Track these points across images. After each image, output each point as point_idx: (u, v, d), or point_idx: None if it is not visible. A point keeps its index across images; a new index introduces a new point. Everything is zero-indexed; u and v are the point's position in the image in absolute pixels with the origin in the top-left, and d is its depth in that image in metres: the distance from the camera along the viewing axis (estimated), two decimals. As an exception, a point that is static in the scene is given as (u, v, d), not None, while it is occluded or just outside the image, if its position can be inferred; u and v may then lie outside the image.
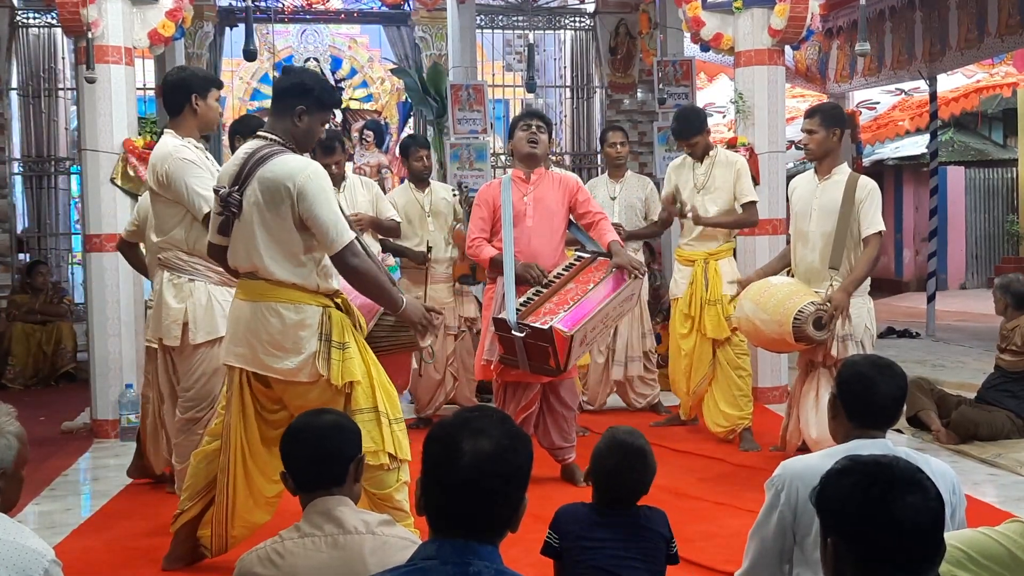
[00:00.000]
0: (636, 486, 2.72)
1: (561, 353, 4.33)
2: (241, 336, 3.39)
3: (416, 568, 1.71)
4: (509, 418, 1.83)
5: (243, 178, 3.32)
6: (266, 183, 3.27)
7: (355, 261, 3.31)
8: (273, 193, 3.25)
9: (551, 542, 2.68)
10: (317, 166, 3.38)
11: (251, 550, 2.36)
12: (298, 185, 3.23)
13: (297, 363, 3.31)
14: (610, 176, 6.55)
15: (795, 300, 4.61)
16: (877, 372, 2.51)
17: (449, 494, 1.71)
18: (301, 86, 3.43)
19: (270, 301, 3.32)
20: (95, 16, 5.93)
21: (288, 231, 3.28)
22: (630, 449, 2.72)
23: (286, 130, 3.40)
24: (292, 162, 3.30)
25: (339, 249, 3.27)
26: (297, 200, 3.23)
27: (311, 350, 3.30)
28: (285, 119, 3.41)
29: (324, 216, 3.24)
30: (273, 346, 3.33)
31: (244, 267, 3.41)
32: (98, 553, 4.06)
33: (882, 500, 1.60)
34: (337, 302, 3.42)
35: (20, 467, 2.14)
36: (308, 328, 3.31)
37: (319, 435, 2.40)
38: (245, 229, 3.34)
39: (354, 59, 13.29)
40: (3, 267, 9.39)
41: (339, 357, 3.32)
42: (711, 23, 6.82)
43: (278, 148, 3.33)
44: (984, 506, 4.40)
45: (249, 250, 3.34)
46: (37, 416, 6.74)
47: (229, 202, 3.32)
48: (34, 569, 1.95)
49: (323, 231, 3.25)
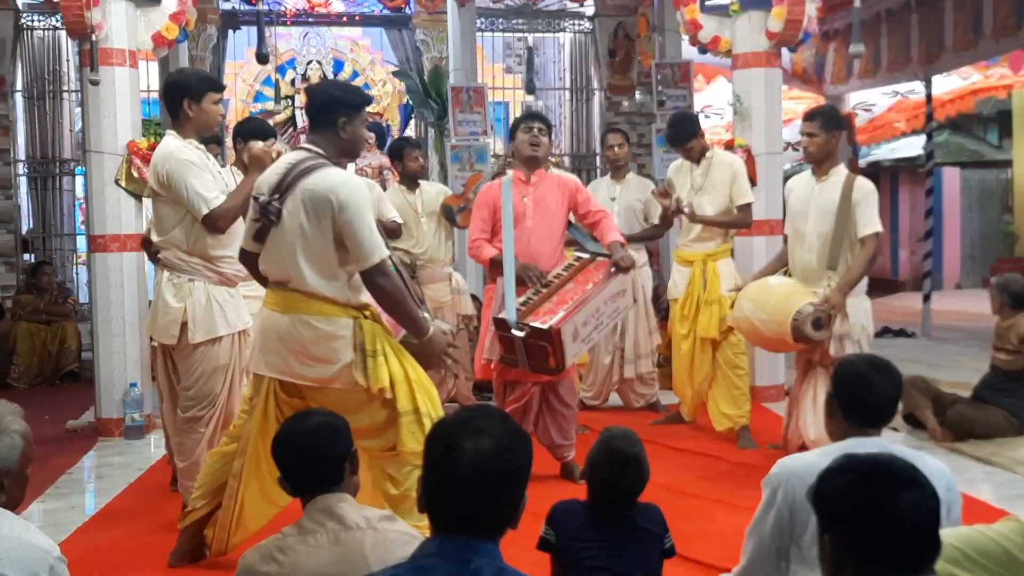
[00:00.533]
0: (629, 495, 2.74)
1: (559, 351, 4.38)
2: (272, 346, 3.40)
3: (417, 565, 1.73)
4: (509, 417, 1.85)
5: (284, 188, 3.35)
6: (309, 195, 3.30)
7: (383, 280, 3.33)
8: (316, 205, 3.28)
9: (547, 537, 2.71)
10: (360, 180, 3.45)
11: (253, 547, 2.36)
12: (340, 198, 3.26)
13: (332, 372, 3.34)
14: (612, 177, 6.59)
15: (793, 300, 4.63)
16: (873, 371, 2.51)
17: (450, 492, 1.72)
18: (331, 99, 3.46)
19: (301, 313, 3.35)
20: (99, 19, 5.96)
21: (327, 244, 3.31)
22: (624, 458, 2.72)
23: (330, 142, 3.44)
24: (335, 175, 3.34)
25: (369, 266, 3.30)
26: (337, 212, 3.27)
27: (346, 360, 3.32)
28: (328, 132, 3.45)
29: (361, 231, 3.27)
30: (307, 356, 3.35)
31: (276, 276, 3.43)
32: (102, 550, 4.09)
33: (879, 498, 1.61)
34: (366, 314, 3.44)
35: (25, 466, 2.15)
36: (341, 339, 3.33)
37: (309, 439, 2.39)
38: (282, 238, 3.36)
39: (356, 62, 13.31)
40: (8, 267, 9.44)
41: (373, 365, 3.34)
42: (709, 26, 6.85)
43: (321, 161, 3.37)
44: (980, 504, 4.42)
45: (285, 260, 3.37)
46: (42, 415, 6.75)
47: (268, 210, 3.35)
48: (39, 566, 1.96)
49: (357, 245, 3.28)
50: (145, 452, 5.84)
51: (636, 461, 2.73)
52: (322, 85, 3.59)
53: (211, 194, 3.99)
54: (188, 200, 3.98)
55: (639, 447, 2.77)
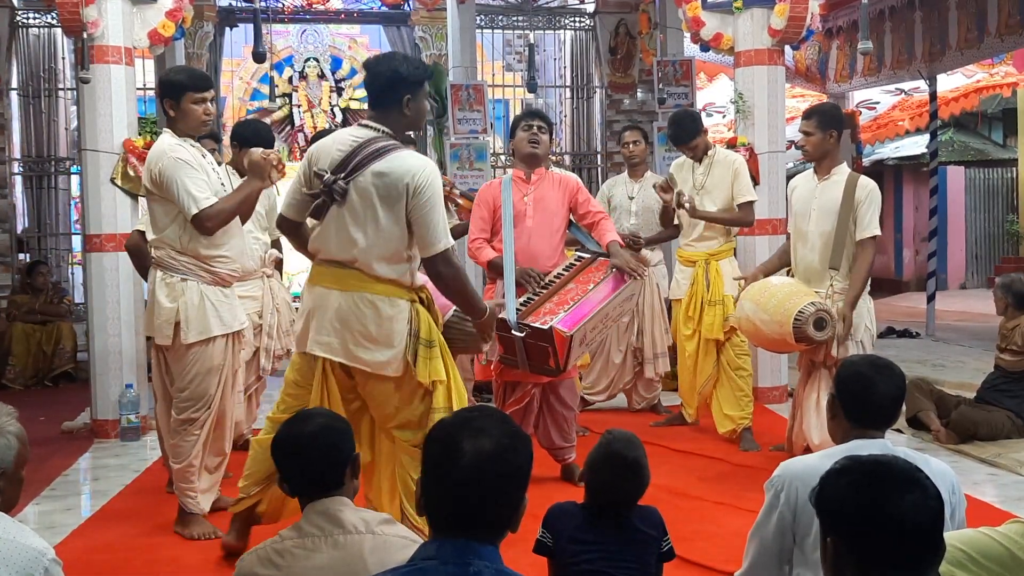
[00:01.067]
0: (628, 499, 2.70)
1: (561, 353, 4.34)
2: (328, 325, 3.37)
3: (416, 568, 1.71)
4: (509, 418, 1.83)
5: (352, 167, 3.31)
6: (384, 178, 3.28)
7: (446, 269, 3.34)
8: (390, 189, 3.27)
9: (543, 540, 2.68)
10: (434, 166, 3.41)
11: (251, 550, 2.35)
12: (416, 183, 3.25)
13: (388, 356, 3.32)
14: (629, 175, 6.52)
15: (795, 301, 4.60)
16: (876, 372, 2.51)
17: (449, 494, 1.71)
18: (397, 76, 3.38)
19: (365, 292, 3.32)
20: (95, 16, 5.92)
21: (399, 228, 3.30)
22: (624, 462, 2.69)
23: (396, 120, 3.40)
24: (412, 159, 3.32)
25: (435, 253, 3.30)
26: (412, 196, 3.25)
27: (402, 344, 3.32)
28: (392, 110, 3.40)
29: (433, 218, 3.27)
30: (365, 338, 3.33)
31: (338, 255, 3.38)
32: (98, 553, 4.06)
33: (881, 499, 1.60)
34: (422, 296, 3.44)
35: (20, 467, 2.13)
36: (400, 322, 3.33)
37: (312, 442, 2.37)
38: (348, 219, 3.32)
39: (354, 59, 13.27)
40: (3, 267, 9.40)
41: (426, 355, 3.34)
42: (711, 23, 6.82)
43: (393, 143, 3.34)
44: (984, 506, 4.40)
45: (349, 240, 3.33)
46: (37, 416, 6.72)
47: (334, 189, 3.31)
48: (35, 568, 1.95)
49: (426, 232, 3.28)
50: (141, 453, 5.81)
51: (636, 466, 2.70)
52: (385, 61, 3.46)
53: (202, 194, 3.94)
54: (179, 199, 3.94)
55: (640, 452, 2.74)
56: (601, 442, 2.77)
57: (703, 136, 5.73)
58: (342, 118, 12.72)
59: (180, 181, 3.92)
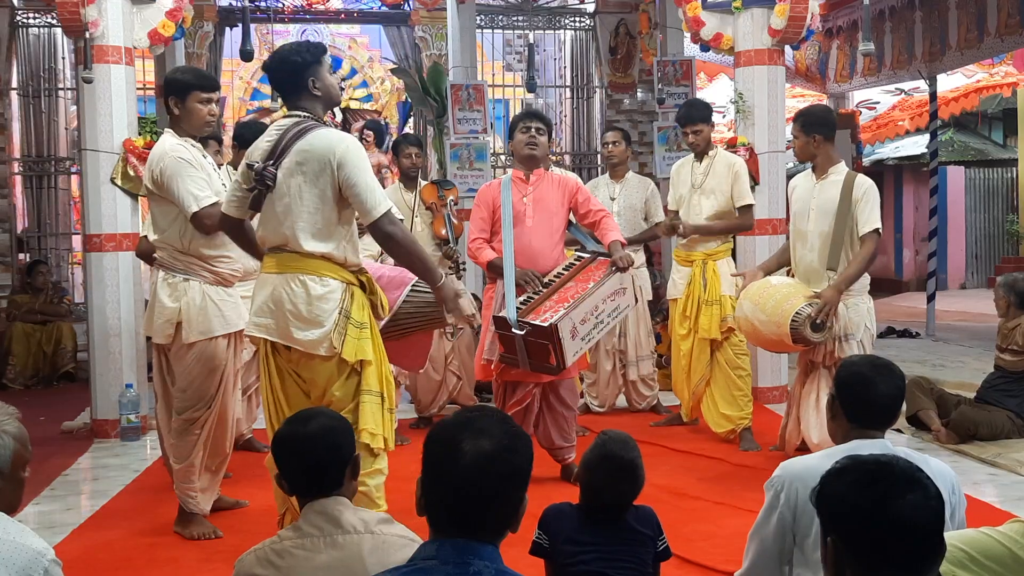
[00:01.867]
0: (623, 500, 2.70)
1: (559, 349, 4.33)
2: (264, 307, 3.41)
3: (416, 568, 1.70)
4: (510, 418, 1.83)
5: (279, 152, 3.36)
6: (306, 155, 3.32)
7: (392, 228, 3.37)
8: (313, 164, 3.31)
9: (540, 542, 2.67)
10: (354, 139, 3.46)
11: (249, 550, 2.34)
12: (339, 155, 3.30)
13: (318, 335, 3.33)
14: (611, 176, 6.54)
15: (793, 302, 4.61)
16: (875, 372, 2.51)
17: (450, 494, 1.70)
18: (292, 64, 3.45)
19: (296, 272, 3.36)
20: (95, 16, 5.92)
21: (325, 202, 3.34)
22: (619, 464, 2.68)
23: (312, 104, 3.46)
24: (332, 135, 3.38)
25: (377, 216, 3.33)
26: (338, 169, 3.30)
27: (331, 323, 3.33)
28: (304, 96, 3.45)
29: (363, 183, 3.31)
30: (296, 317, 3.35)
31: (273, 240, 3.43)
32: (98, 553, 4.06)
33: (882, 499, 1.60)
34: (362, 280, 3.45)
35: (18, 468, 2.12)
36: (330, 301, 3.35)
37: (313, 444, 2.35)
38: (275, 202, 3.37)
39: (354, 59, 13.29)
40: (3, 267, 9.39)
41: (355, 335, 3.35)
42: (711, 23, 6.82)
43: (313, 123, 3.40)
44: (984, 506, 4.40)
45: (281, 223, 3.37)
46: (37, 416, 6.72)
47: (264, 175, 3.35)
48: (34, 568, 1.95)
49: (362, 199, 3.32)
50: (141, 453, 5.81)
51: (631, 468, 2.69)
52: (278, 56, 3.55)
53: (202, 193, 3.94)
54: (179, 197, 3.94)
55: (636, 453, 2.74)
56: (596, 443, 2.76)
57: (709, 127, 5.72)
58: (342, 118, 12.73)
59: (180, 181, 3.93)
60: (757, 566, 2.45)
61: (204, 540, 4.10)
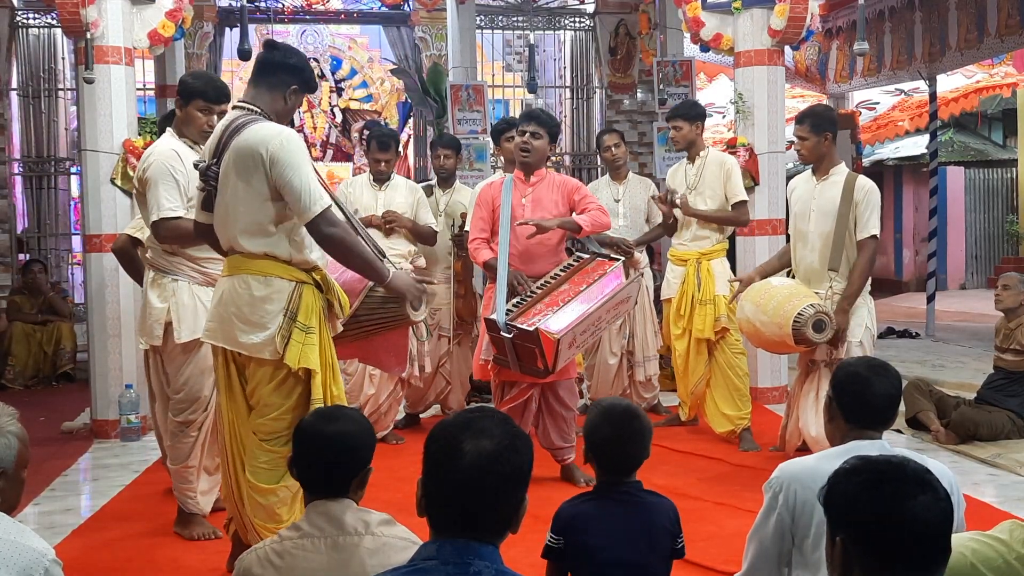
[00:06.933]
0: (637, 450, 2.65)
1: (549, 355, 4.32)
2: (213, 311, 3.32)
3: (416, 568, 1.70)
4: (510, 419, 1.82)
5: (220, 149, 3.25)
6: (239, 151, 3.18)
7: (330, 230, 3.17)
8: (246, 160, 3.17)
9: (552, 544, 2.61)
10: (291, 132, 3.26)
11: (250, 550, 2.34)
12: (271, 151, 3.14)
13: (262, 338, 3.20)
14: (612, 178, 6.52)
15: (795, 302, 4.60)
16: (872, 372, 2.51)
17: (450, 494, 1.70)
18: (297, 66, 3.36)
19: (243, 273, 3.24)
20: (95, 16, 5.92)
21: (260, 200, 3.18)
22: (620, 409, 2.67)
23: (272, 102, 3.32)
24: (265, 129, 3.19)
25: (312, 217, 3.14)
26: (270, 166, 3.14)
27: (276, 326, 3.19)
28: (274, 93, 3.32)
29: (296, 182, 3.13)
30: (240, 319, 3.22)
31: (224, 242, 3.33)
32: (98, 553, 4.06)
33: (892, 499, 1.60)
34: (316, 278, 3.32)
35: (20, 468, 2.13)
36: (275, 303, 3.20)
37: (331, 444, 2.33)
38: (220, 202, 3.27)
39: (354, 59, 13.29)
40: (3, 267, 9.39)
41: (300, 339, 3.19)
42: (711, 23, 6.82)
43: (254, 117, 3.26)
44: (984, 506, 4.41)
45: (226, 223, 3.27)
46: (37, 416, 6.71)
47: (208, 175, 3.25)
48: (35, 569, 1.95)
49: (295, 198, 3.14)
50: (141, 454, 5.80)
51: (633, 411, 2.68)
52: (290, 48, 3.47)
53: (168, 204, 3.89)
54: (148, 201, 3.94)
55: (635, 405, 2.76)
56: (592, 409, 2.75)
57: (694, 127, 5.70)
58: (342, 118, 12.74)
59: (156, 185, 3.91)
60: (756, 567, 2.45)
61: (204, 540, 4.10)
